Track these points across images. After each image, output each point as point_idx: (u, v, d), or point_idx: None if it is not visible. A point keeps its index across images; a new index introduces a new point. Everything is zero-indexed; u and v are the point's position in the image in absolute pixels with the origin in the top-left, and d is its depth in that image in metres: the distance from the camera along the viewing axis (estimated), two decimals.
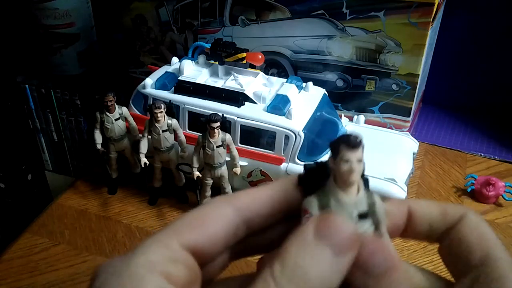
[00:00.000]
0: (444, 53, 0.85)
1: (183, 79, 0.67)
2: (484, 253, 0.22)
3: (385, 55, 0.71)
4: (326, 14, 0.72)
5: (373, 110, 0.77)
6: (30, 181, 1.02)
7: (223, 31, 0.79)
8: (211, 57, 0.68)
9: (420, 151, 0.75)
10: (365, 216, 0.22)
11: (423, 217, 0.24)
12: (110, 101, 0.64)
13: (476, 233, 0.23)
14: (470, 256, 0.23)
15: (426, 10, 0.66)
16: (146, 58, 0.88)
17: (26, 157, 1.00)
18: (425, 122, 0.88)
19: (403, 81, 0.72)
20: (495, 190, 0.68)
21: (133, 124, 0.67)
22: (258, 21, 0.77)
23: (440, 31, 0.80)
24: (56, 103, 0.93)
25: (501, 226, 0.66)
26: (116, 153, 0.68)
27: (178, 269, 0.21)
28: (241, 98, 0.64)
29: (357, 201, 0.22)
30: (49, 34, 0.90)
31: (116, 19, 0.88)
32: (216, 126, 0.59)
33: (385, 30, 0.70)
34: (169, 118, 0.63)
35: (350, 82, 0.76)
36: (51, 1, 0.86)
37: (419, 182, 0.74)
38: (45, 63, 0.95)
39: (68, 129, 0.96)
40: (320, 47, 0.75)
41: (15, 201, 1.00)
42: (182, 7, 0.81)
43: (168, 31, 0.84)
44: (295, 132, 0.61)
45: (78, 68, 0.95)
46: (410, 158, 0.66)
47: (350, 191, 0.22)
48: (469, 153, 0.80)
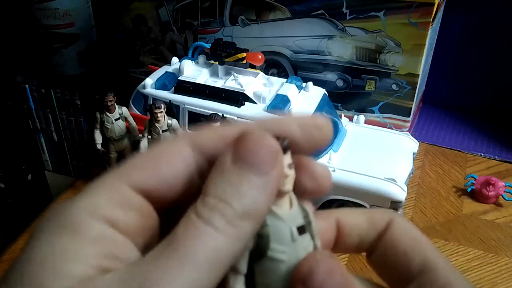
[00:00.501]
0: (444, 53, 0.85)
1: (183, 79, 0.67)
2: (422, 259, 0.21)
3: (385, 55, 0.71)
4: (326, 14, 0.72)
5: (373, 110, 0.77)
6: (30, 181, 1.02)
7: (223, 31, 0.79)
8: (211, 57, 0.68)
9: (420, 151, 0.75)
10: (303, 230, 0.19)
11: (351, 227, 0.23)
12: (110, 101, 0.64)
13: (408, 238, 0.22)
14: (408, 263, 0.21)
15: (426, 10, 0.66)
16: (146, 58, 0.88)
17: (26, 157, 1.00)
18: (425, 122, 0.88)
19: (403, 81, 0.72)
20: (495, 190, 0.68)
21: (133, 124, 0.67)
22: (258, 21, 0.77)
23: (440, 31, 0.80)
24: (56, 103, 0.93)
25: (501, 226, 0.66)
26: (116, 153, 0.68)
27: (127, 215, 0.19)
28: (241, 98, 0.64)
29: (293, 214, 0.19)
30: (49, 34, 0.90)
31: (116, 19, 0.88)
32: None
33: (385, 30, 0.70)
34: (169, 118, 0.63)
35: (350, 82, 0.76)
36: (51, 1, 0.86)
37: (419, 182, 0.74)
38: (45, 63, 0.95)
39: (68, 129, 0.96)
40: (320, 47, 0.75)
41: (15, 201, 1.00)
42: (182, 7, 0.81)
43: (168, 31, 0.84)
44: None
45: (78, 68, 0.95)
46: (410, 158, 0.66)
47: (284, 202, 0.19)
48: (469, 153, 0.80)
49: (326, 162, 0.63)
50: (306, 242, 0.19)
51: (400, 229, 0.22)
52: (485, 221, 0.67)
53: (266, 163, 0.18)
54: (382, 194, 0.59)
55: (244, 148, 0.18)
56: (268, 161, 0.18)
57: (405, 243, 0.22)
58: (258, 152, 0.18)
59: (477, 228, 0.66)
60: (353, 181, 0.60)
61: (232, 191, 0.18)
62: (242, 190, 0.18)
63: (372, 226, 0.23)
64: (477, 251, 0.62)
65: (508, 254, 0.62)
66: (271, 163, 0.18)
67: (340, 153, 0.65)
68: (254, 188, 0.18)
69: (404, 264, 0.21)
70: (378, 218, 0.23)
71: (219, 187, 0.18)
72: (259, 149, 0.18)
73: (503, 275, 0.59)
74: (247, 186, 0.18)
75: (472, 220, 0.67)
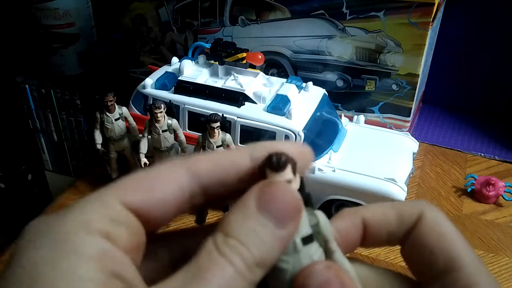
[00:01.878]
0: (444, 53, 0.85)
1: (183, 79, 0.67)
2: (447, 258, 0.21)
3: (385, 55, 0.71)
4: (326, 14, 0.72)
5: (373, 110, 0.77)
6: (30, 181, 1.02)
7: (223, 31, 0.79)
8: (211, 57, 0.68)
9: (420, 151, 0.75)
10: (310, 239, 0.20)
11: (379, 225, 0.23)
12: (110, 101, 0.64)
13: (436, 235, 0.22)
14: (433, 261, 0.21)
15: (426, 10, 0.66)
16: (146, 58, 0.88)
17: (26, 157, 1.00)
18: (425, 122, 0.88)
19: (403, 81, 0.72)
20: (495, 190, 0.68)
21: (133, 124, 0.67)
22: (258, 21, 0.77)
23: (440, 31, 0.80)
24: (56, 103, 0.93)
25: (501, 226, 0.66)
26: (116, 153, 0.68)
27: (118, 230, 0.19)
28: (241, 98, 0.64)
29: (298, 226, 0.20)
30: (49, 34, 0.90)
31: (116, 19, 0.88)
32: (216, 126, 0.59)
33: (385, 30, 0.70)
34: (169, 118, 0.63)
35: (350, 82, 0.76)
36: (51, 1, 0.86)
37: (419, 182, 0.74)
38: (45, 63, 0.95)
39: (68, 129, 0.96)
40: (320, 47, 0.75)
41: (15, 201, 1.00)
42: (182, 7, 0.81)
43: (168, 31, 0.84)
44: (295, 132, 0.61)
45: (78, 68, 0.95)
46: (410, 158, 0.66)
47: None
48: (469, 153, 0.80)
49: (326, 162, 0.63)
50: (313, 250, 0.20)
51: (428, 225, 0.22)
52: (485, 221, 0.67)
53: (289, 219, 0.19)
54: (382, 194, 0.59)
55: (271, 199, 0.19)
56: (291, 217, 0.19)
57: (432, 240, 0.22)
58: (284, 207, 0.19)
59: (477, 228, 0.66)
60: (353, 181, 0.60)
61: (254, 238, 0.19)
62: (263, 239, 0.19)
63: (401, 222, 0.23)
64: (477, 251, 0.62)
65: (508, 254, 0.62)
66: (293, 219, 0.19)
67: (340, 153, 0.65)
68: (274, 240, 0.19)
69: (429, 262, 0.21)
70: (407, 213, 0.23)
71: (242, 231, 0.19)
72: (285, 204, 0.19)
73: (503, 275, 0.60)
74: (268, 237, 0.19)
75: (472, 220, 0.67)
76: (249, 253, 0.18)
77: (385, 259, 0.61)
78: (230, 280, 0.18)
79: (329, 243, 0.21)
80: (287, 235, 0.19)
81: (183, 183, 0.21)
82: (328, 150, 0.64)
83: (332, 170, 0.61)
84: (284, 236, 0.19)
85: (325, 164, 0.62)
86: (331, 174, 0.61)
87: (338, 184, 0.61)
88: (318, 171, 0.61)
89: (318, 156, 0.63)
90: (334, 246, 0.21)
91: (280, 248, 0.19)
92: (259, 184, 0.20)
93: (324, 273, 0.19)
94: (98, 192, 0.20)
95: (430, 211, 0.22)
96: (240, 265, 0.18)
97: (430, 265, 0.21)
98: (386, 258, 0.61)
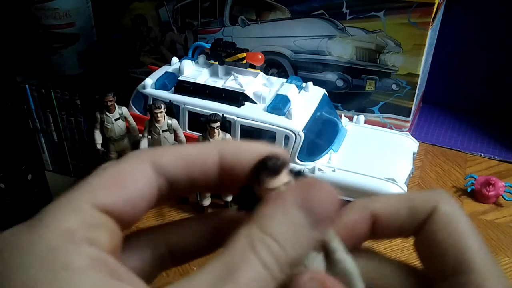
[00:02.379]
0: (444, 53, 0.85)
1: (183, 79, 0.67)
2: (459, 257, 0.20)
3: (385, 55, 0.71)
4: (326, 14, 0.72)
5: (373, 110, 0.77)
6: (30, 181, 1.02)
7: (223, 31, 0.79)
8: (211, 57, 0.68)
9: (420, 151, 0.75)
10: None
11: (389, 218, 0.22)
12: (110, 101, 0.64)
13: (448, 232, 0.21)
14: (444, 260, 0.20)
15: (426, 10, 0.66)
16: (146, 58, 0.88)
17: (26, 157, 1.00)
18: (425, 122, 0.88)
19: (403, 81, 0.72)
20: (495, 190, 0.68)
21: (133, 124, 0.67)
22: (258, 21, 0.77)
23: (440, 31, 0.80)
24: (56, 103, 0.93)
25: (501, 226, 0.66)
26: (116, 153, 0.68)
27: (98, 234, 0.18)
28: (241, 98, 0.64)
29: None
30: (49, 34, 0.90)
31: (116, 19, 0.88)
32: (216, 126, 0.59)
33: (385, 30, 0.70)
34: (169, 118, 0.63)
35: (350, 82, 0.76)
36: (51, 1, 0.86)
37: (419, 182, 0.74)
38: (45, 63, 0.95)
39: (68, 129, 0.96)
40: (320, 47, 0.75)
41: (15, 201, 1.00)
42: (182, 7, 0.81)
43: (168, 31, 0.84)
44: (295, 132, 0.61)
45: (78, 68, 0.95)
46: (410, 158, 0.66)
47: None
48: (469, 153, 0.80)
49: (326, 162, 0.63)
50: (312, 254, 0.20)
51: (441, 221, 0.21)
52: (485, 221, 0.67)
53: (327, 221, 0.19)
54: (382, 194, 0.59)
55: (314, 198, 0.18)
56: (330, 219, 0.19)
57: (443, 237, 0.21)
58: (325, 208, 0.19)
59: (477, 228, 0.66)
60: (353, 181, 0.60)
61: (291, 238, 0.18)
62: (301, 241, 0.18)
63: (412, 215, 0.22)
64: None
65: (508, 254, 0.62)
66: (330, 222, 0.19)
67: (340, 153, 0.65)
68: (308, 240, 0.18)
69: (440, 260, 0.21)
70: (420, 206, 0.21)
71: (280, 229, 0.18)
72: (327, 205, 0.19)
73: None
74: (303, 237, 0.18)
75: (472, 220, 0.66)
76: (284, 254, 0.18)
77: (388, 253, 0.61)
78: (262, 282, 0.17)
79: (330, 243, 0.20)
80: (319, 236, 0.19)
81: (150, 179, 0.20)
82: (328, 150, 0.64)
83: (332, 170, 0.61)
84: (317, 238, 0.19)
85: (325, 164, 0.62)
86: (331, 174, 0.61)
87: (338, 184, 0.61)
88: (318, 171, 0.61)
89: (318, 156, 0.63)
90: (335, 245, 0.20)
91: (310, 249, 0.19)
92: (302, 181, 0.19)
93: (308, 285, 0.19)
94: (66, 196, 0.19)
95: (445, 204, 0.21)
96: (274, 268, 0.17)
97: (440, 262, 0.21)
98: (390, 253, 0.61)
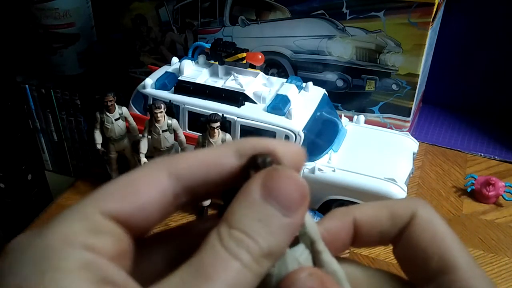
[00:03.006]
0: (444, 53, 0.85)
1: (183, 79, 0.67)
2: (441, 259, 0.20)
3: (385, 55, 0.71)
4: (326, 14, 0.72)
5: (373, 110, 0.77)
6: (30, 181, 1.02)
7: (223, 31, 0.79)
8: (211, 57, 0.68)
9: (420, 151, 0.75)
10: (296, 241, 0.20)
11: (371, 225, 0.22)
12: (110, 101, 0.64)
13: (429, 235, 0.21)
14: (426, 262, 0.21)
15: (426, 10, 0.66)
16: (146, 58, 0.88)
17: (26, 157, 1.00)
18: (425, 122, 0.88)
19: (403, 81, 0.72)
20: (495, 190, 0.68)
21: (133, 124, 0.67)
22: (258, 21, 0.77)
23: (440, 31, 0.80)
24: (56, 103, 0.93)
25: (501, 226, 0.66)
26: (116, 153, 0.68)
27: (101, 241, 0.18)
28: (241, 98, 0.64)
29: None
30: (49, 34, 0.90)
31: (116, 19, 0.88)
32: (216, 126, 0.59)
33: (385, 30, 0.70)
34: (169, 118, 0.63)
35: (350, 82, 0.76)
36: (51, 1, 0.86)
37: (419, 182, 0.74)
38: (45, 63, 0.95)
39: (68, 129, 0.96)
40: (320, 47, 0.75)
41: (15, 201, 1.00)
42: (182, 7, 0.81)
43: (168, 31, 0.84)
44: (295, 132, 0.61)
45: (78, 68, 0.95)
46: (410, 158, 0.66)
47: None
48: (469, 153, 0.80)
49: (326, 162, 0.63)
50: (299, 252, 0.20)
51: (421, 225, 0.21)
52: (485, 221, 0.67)
53: (297, 206, 0.18)
54: (382, 194, 0.59)
55: (276, 185, 0.18)
56: (299, 203, 0.18)
57: (425, 240, 0.21)
58: (291, 192, 0.18)
59: (477, 228, 0.66)
60: (353, 181, 0.60)
61: (260, 228, 0.18)
62: (270, 229, 0.18)
63: (393, 222, 0.22)
64: (477, 251, 0.62)
65: (508, 254, 0.62)
66: (302, 206, 0.19)
67: (340, 153, 0.65)
68: (281, 228, 0.18)
69: (422, 262, 0.21)
70: (400, 212, 0.22)
71: (247, 222, 0.18)
72: (292, 189, 0.18)
73: (503, 275, 0.60)
74: (275, 227, 0.18)
75: (472, 220, 0.67)
76: (255, 245, 0.17)
77: (385, 259, 0.61)
78: (237, 275, 0.17)
79: (315, 244, 0.20)
80: (295, 223, 0.18)
81: (164, 186, 0.20)
82: (328, 150, 0.64)
83: (332, 170, 0.61)
84: (293, 224, 0.18)
85: (325, 164, 0.62)
86: (331, 174, 0.61)
87: (338, 184, 0.61)
88: (318, 171, 0.61)
89: (318, 156, 0.63)
90: (321, 247, 0.20)
91: (288, 238, 0.18)
92: (263, 171, 0.19)
93: (307, 281, 0.19)
94: (78, 203, 0.19)
95: (423, 210, 0.22)
96: (247, 259, 0.17)
97: (423, 266, 0.21)
98: (386, 258, 0.61)
